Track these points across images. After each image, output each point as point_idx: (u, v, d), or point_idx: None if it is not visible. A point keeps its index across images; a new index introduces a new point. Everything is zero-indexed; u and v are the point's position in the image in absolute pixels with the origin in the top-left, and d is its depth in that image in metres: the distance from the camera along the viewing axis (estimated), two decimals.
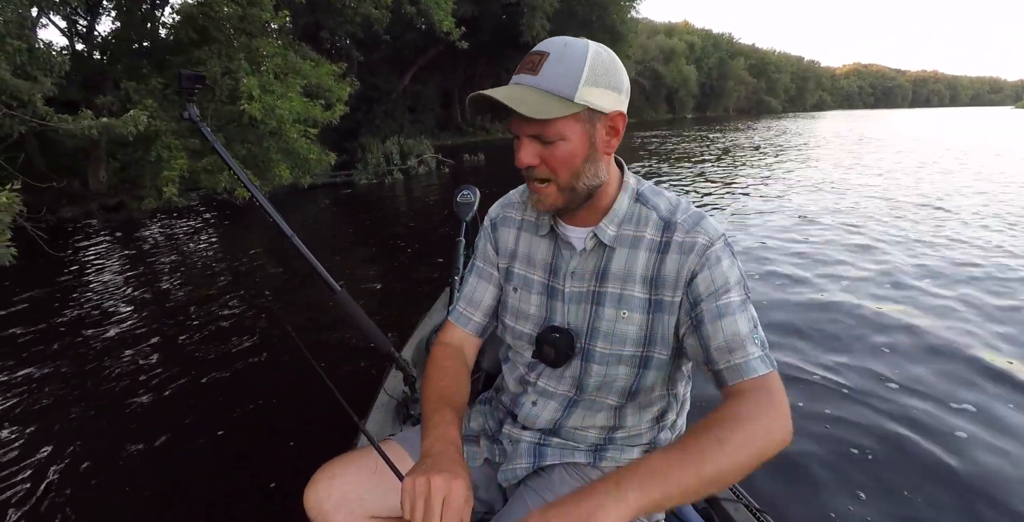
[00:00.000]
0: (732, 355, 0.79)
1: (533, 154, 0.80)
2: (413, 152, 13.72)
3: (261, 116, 6.38)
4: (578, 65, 0.75)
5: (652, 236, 0.87)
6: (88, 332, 3.83)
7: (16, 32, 4.12)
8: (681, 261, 0.84)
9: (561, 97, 0.75)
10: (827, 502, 1.95)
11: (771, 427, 0.71)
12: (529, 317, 0.97)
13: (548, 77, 0.76)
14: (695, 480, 0.64)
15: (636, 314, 0.88)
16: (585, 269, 0.91)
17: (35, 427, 2.65)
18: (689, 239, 0.84)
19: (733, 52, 68.09)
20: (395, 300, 4.28)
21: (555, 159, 0.80)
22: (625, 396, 0.93)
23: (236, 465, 2.29)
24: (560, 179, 0.82)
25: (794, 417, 0.75)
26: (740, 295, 0.83)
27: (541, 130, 0.78)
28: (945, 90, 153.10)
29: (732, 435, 0.68)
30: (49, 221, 6.78)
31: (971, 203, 7.35)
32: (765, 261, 4.84)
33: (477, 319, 1.04)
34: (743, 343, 0.79)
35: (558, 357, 0.93)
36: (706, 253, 0.83)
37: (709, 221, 0.87)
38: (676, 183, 10.11)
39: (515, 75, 0.79)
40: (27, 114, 4.20)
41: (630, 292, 0.88)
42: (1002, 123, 34.64)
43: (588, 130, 0.79)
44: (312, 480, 0.96)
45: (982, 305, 3.71)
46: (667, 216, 0.88)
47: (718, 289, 0.82)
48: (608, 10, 18.74)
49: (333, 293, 1.22)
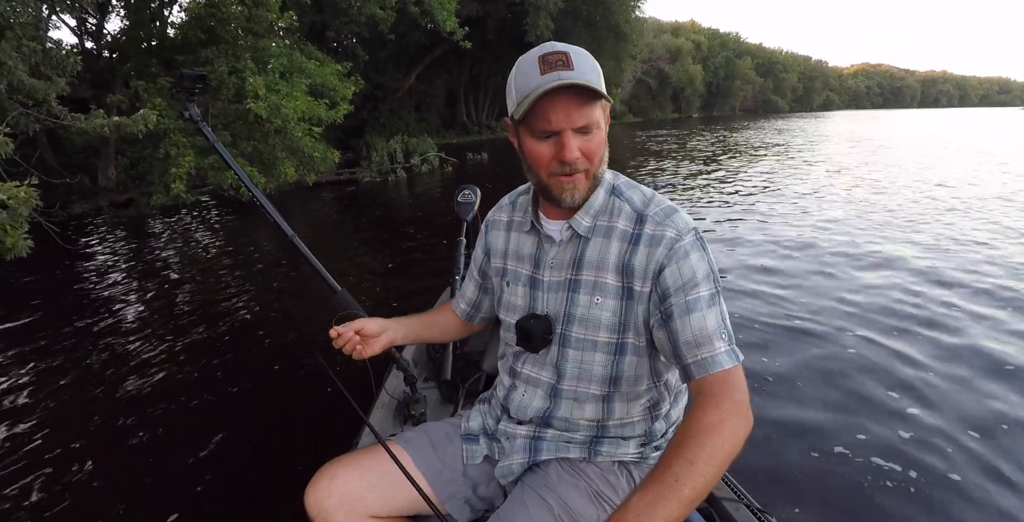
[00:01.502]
0: (700, 350, 0.82)
1: (576, 148, 0.83)
2: (417, 150, 13.85)
3: (267, 115, 6.53)
4: (593, 62, 0.83)
5: (625, 227, 0.91)
6: (94, 325, 3.92)
7: (31, 34, 4.28)
8: (650, 253, 0.87)
9: (594, 86, 0.80)
10: (828, 501, 1.95)
11: (735, 429, 0.74)
12: (516, 308, 1.03)
13: (583, 71, 0.80)
14: (677, 506, 0.66)
15: (609, 300, 0.91)
16: (563, 259, 0.96)
17: (37, 417, 2.68)
18: (659, 232, 0.87)
19: (740, 51, 67.86)
20: (396, 300, 4.31)
21: (592, 147, 0.85)
22: (607, 384, 0.95)
23: (237, 464, 2.29)
24: (592, 168, 0.87)
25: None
26: (709, 290, 0.85)
27: (588, 119, 0.82)
28: (954, 90, 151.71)
29: (701, 451, 0.70)
30: (61, 216, 6.95)
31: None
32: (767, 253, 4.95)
33: (463, 306, 1.22)
34: (710, 338, 0.82)
35: (536, 341, 0.97)
36: (674, 246, 0.86)
37: (680, 215, 0.89)
38: (674, 181, 10.19)
39: (547, 74, 0.80)
40: (42, 113, 4.37)
41: (604, 279, 0.91)
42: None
43: (606, 119, 0.88)
44: (313, 479, 0.99)
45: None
46: (640, 208, 0.91)
47: (686, 283, 0.85)
48: (612, 10, 18.76)
49: (334, 293, 1.20)
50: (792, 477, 2.07)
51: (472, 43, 11.72)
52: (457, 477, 1.06)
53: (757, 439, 2.24)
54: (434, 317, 1.24)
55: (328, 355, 1.12)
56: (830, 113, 75.24)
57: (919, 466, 2.12)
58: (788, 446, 2.25)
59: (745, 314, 3.67)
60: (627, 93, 49.60)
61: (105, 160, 8.79)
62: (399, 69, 18.60)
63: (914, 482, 2.04)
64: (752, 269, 4.67)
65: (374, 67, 16.85)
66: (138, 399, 2.85)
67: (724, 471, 0.73)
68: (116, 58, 8.22)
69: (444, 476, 1.04)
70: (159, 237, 7.14)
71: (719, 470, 0.71)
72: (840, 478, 2.06)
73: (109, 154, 8.75)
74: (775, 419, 2.43)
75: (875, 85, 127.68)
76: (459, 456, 1.08)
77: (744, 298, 3.99)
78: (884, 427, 2.38)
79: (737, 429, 0.75)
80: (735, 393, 0.79)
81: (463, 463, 1.07)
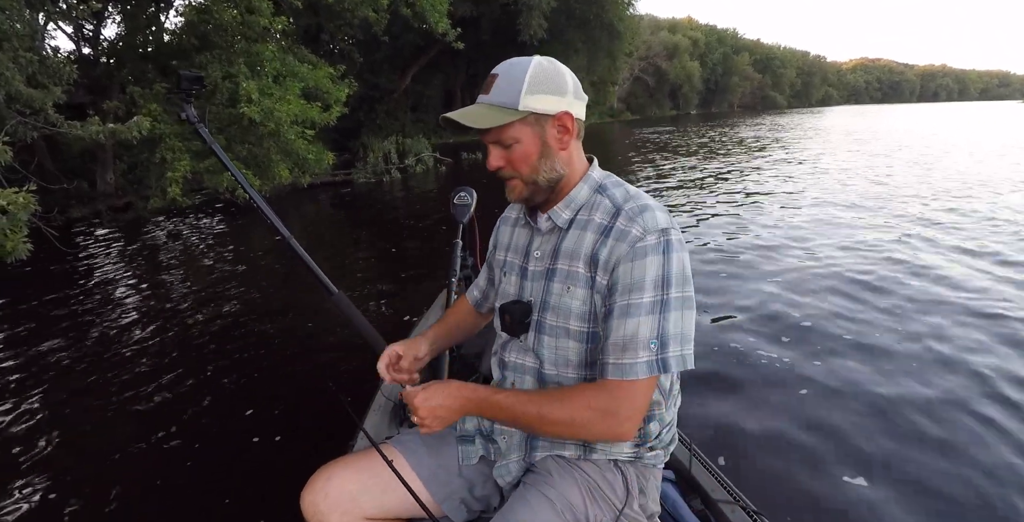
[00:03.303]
0: (623, 354, 0.86)
1: (498, 157, 0.94)
2: (411, 151, 13.95)
3: (260, 118, 6.64)
4: (519, 79, 0.88)
5: (601, 220, 0.94)
6: (89, 327, 3.98)
7: (27, 45, 4.41)
8: (613, 247, 0.89)
9: (505, 108, 0.89)
10: (823, 504, 1.97)
11: (597, 431, 0.88)
12: (508, 296, 1.07)
13: (495, 93, 0.90)
14: (512, 421, 0.93)
15: (579, 289, 0.93)
16: (545, 250, 1.01)
17: (30, 420, 2.70)
18: (626, 227, 0.89)
19: (738, 47, 67.73)
20: (393, 302, 4.34)
21: (514, 159, 0.93)
22: (584, 369, 0.97)
23: (233, 467, 2.30)
24: (522, 175, 0.94)
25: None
26: (654, 296, 0.86)
27: (498, 137, 0.91)
28: (953, 84, 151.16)
29: (556, 416, 0.87)
30: (59, 221, 7.07)
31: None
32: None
33: (475, 293, 1.28)
34: (636, 346, 0.85)
35: (515, 324, 1.02)
36: (635, 245, 0.87)
37: (653, 213, 0.89)
38: (671, 178, 10.29)
39: (479, 94, 0.93)
40: (39, 121, 4.50)
41: (576, 269, 0.94)
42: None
43: (538, 132, 0.91)
44: (309, 482, 1.01)
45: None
46: (619, 203, 0.94)
47: (632, 285, 0.86)
48: (606, 8, 18.77)
49: (330, 295, 1.19)
50: (787, 480, 2.09)
51: (467, 43, 11.79)
52: (453, 478, 1.08)
53: (753, 442, 2.33)
54: (451, 323, 1.27)
55: (324, 358, 1.16)
56: (829, 108, 75.25)
57: (918, 466, 2.14)
58: (784, 449, 2.29)
59: (749, 309, 3.76)
60: (624, 91, 49.59)
61: (103, 165, 8.91)
62: (395, 70, 18.66)
63: (913, 482, 2.06)
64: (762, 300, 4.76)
65: (370, 68, 16.90)
66: (133, 401, 2.87)
67: (553, 435, 0.98)
68: (113, 64, 8.34)
69: (439, 477, 1.06)
70: (156, 240, 7.25)
71: (545, 433, 0.95)
72: (836, 480, 2.08)
73: (107, 159, 8.87)
74: (770, 423, 2.46)
75: (874, 80, 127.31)
76: (455, 457, 1.10)
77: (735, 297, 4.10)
78: (883, 426, 2.41)
79: (598, 432, 0.88)
80: (628, 404, 0.87)
81: (459, 464, 1.10)
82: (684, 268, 0.88)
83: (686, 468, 1.40)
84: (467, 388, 0.93)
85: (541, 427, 0.90)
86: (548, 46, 18.39)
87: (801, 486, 2.06)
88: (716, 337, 3.38)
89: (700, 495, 1.35)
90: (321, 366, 3.12)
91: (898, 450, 2.26)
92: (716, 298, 4.05)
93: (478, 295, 1.27)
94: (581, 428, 0.87)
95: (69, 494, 2.16)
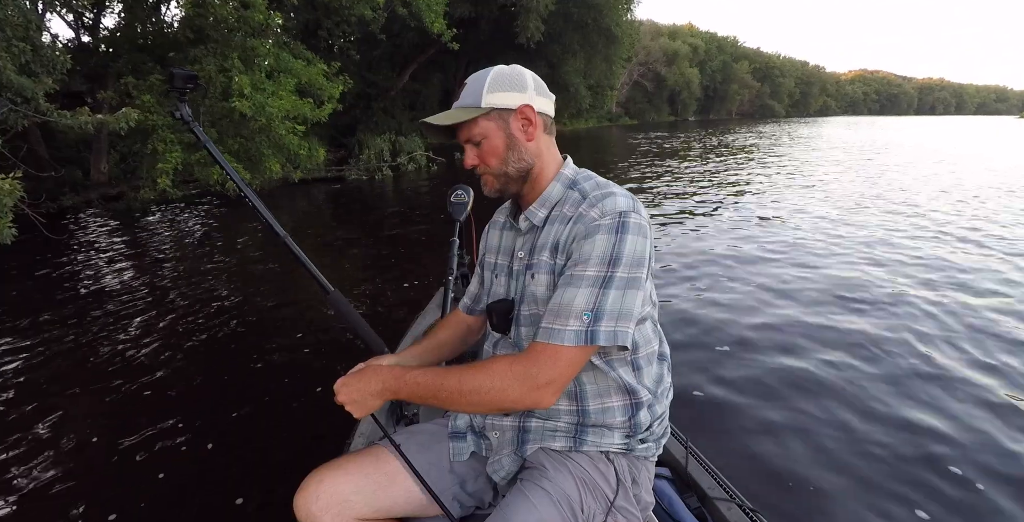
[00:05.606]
0: (554, 320, 0.90)
1: (472, 155, 1.02)
2: (405, 149, 14.04)
3: (251, 113, 6.73)
4: (481, 81, 0.99)
5: (569, 212, 0.98)
6: (70, 314, 3.94)
7: (21, 34, 4.50)
8: (573, 229, 0.95)
9: (469, 107, 0.98)
10: (819, 502, 1.97)
11: (510, 391, 0.89)
12: (498, 296, 1.11)
13: (463, 97, 1.00)
14: (434, 396, 0.93)
15: (543, 275, 0.98)
16: (524, 248, 1.06)
17: (18, 416, 2.63)
18: (588, 211, 0.93)
19: (737, 55, 68.16)
20: (389, 300, 4.31)
21: (485, 153, 1.00)
22: None
23: (229, 468, 2.27)
24: (492, 167, 1.01)
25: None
26: (598, 271, 0.89)
27: (468, 135, 1.00)
28: (951, 98, 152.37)
29: (475, 384, 0.90)
30: (50, 208, 7.14)
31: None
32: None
33: (465, 300, 1.29)
34: (568, 314, 0.89)
35: (500, 321, 1.06)
36: (591, 224, 0.91)
37: (615, 198, 0.93)
38: (668, 177, 10.41)
39: (454, 100, 1.02)
40: (30, 109, 4.58)
41: (543, 258, 0.99)
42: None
43: (502, 126, 0.99)
44: (302, 484, 1.02)
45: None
46: (588, 192, 0.98)
47: (580, 259, 0.91)
48: (603, 12, 18.88)
49: (326, 293, 1.18)
50: (784, 478, 2.10)
51: (465, 44, 11.92)
52: (443, 474, 1.10)
53: (751, 439, 2.36)
54: (441, 339, 1.26)
55: (314, 358, 1.17)
56: (826, 119, 75.62)
57: (915, 467, 2.17)
58: (781, 447, 2.30)
59: (748, 309, 3.84)
60: (623, 96, 49.83)
61: (97, 154, 8.98)
62: (393, 68, 18.73)
63: (910, 483, 2.08)
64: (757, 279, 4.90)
65: (367, 66, 16.98)
66: (122, 398, 2.82)
67: (477, 408, 0.93)
68: (111, 53, 8.41)
69: (430, 475, 1.08)
70: (146, 230, 7.30)
71: (464, 405, 0.92)
72: (833, 478, 2.09)
73: (101, 148, 8.95)
74: (767, 421, 2.49)
75: (872, 91, 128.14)
76: (446, 454, 1.13)
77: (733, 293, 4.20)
78: (880, 427, 2.42)
79: (515, 397, 0.89)
80: (548, 369, 0.89)
81: (449, 460, 1.12)
82: (637, 251, 0.90)
83: (682, 466, 1.41)
84: (383, 369, 0.98)
85: (460, 397, 0.92)
86: (545, 48, 18.52)
87: (798, 484, 2.06)
88: (713, 336, 3.43)
89: (696, 493, 1.36)
90: (317, 364, 3.09)
91: (898, 450, 2.27)
92: (714, 296, 4.13)
93: (468, 301, 1.28)
94: (500, 393, 0.89)
95: (61, 496, 2.11)
